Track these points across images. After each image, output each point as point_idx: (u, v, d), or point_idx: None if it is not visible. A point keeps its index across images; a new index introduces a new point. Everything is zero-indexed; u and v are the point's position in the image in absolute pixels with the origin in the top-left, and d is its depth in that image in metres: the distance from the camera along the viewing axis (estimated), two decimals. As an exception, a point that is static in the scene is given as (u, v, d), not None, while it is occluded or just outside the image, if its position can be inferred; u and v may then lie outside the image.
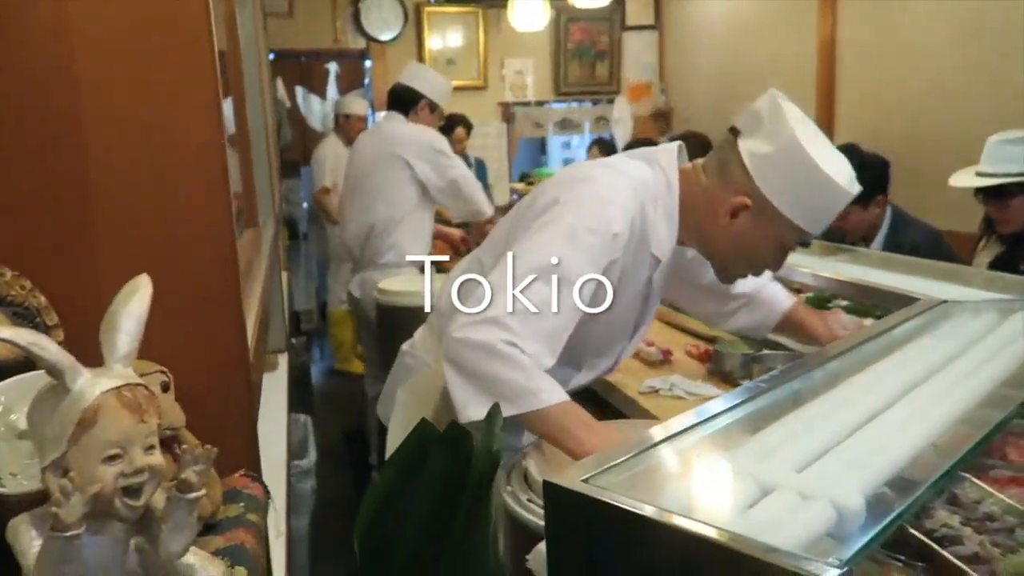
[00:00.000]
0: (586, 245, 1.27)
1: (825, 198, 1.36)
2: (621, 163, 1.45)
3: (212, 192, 0.87)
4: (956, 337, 1.32)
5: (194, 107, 0.85)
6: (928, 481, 0.83)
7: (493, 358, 1.17)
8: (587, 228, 1.28)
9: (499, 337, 1.18)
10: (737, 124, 1.39)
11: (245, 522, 0.81)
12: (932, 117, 3.35)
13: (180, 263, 0.86)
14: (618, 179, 1.37)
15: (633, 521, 0.75)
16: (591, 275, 1.26)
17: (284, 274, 4.32)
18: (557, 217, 1.31)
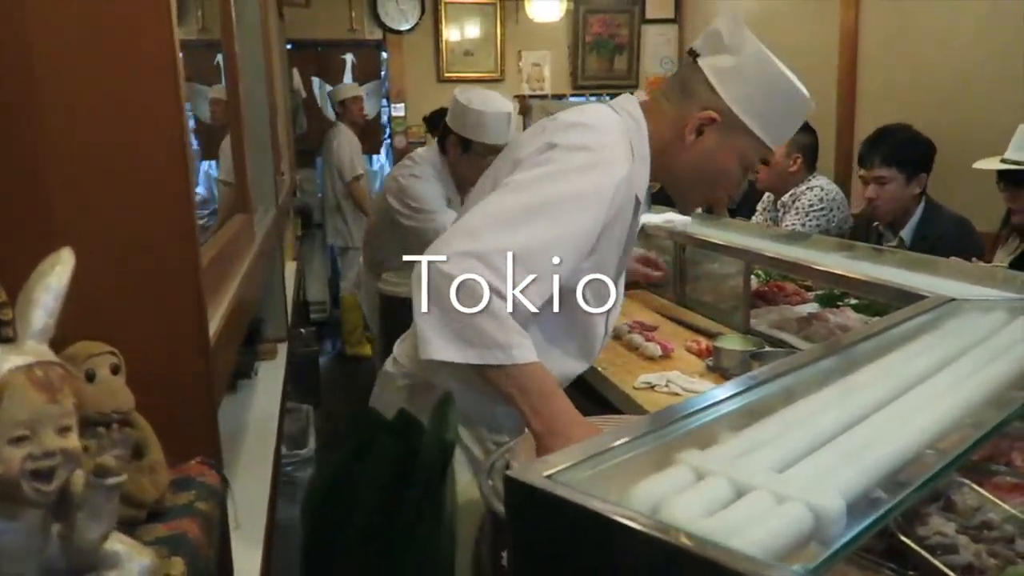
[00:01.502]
0: (590, 184, 1.24)
1: (789, 107, 1.39)
2: (602, 109, 1.40)
3: (169, 169, 0.83)
4: (961, 336, 1.26)
5: (151, 81, 0.82)
6: (913, 485, 0.78)
7: (472, 299, 1.08)
8: (590, 166, 1.25)
9: (484, 277, 1.08)
10: (695, 46, 1.40)
11: (193, 511, 0.78)
12: (954, 109, 3.25)
13: (134, 239, 0.83)
14: (609, 124, 1.35)
15: (593, 521, 0.71)
16: (592, 215, 1.23)
17: (292, 264, 4.32)
18: (556, 157, 1.25)
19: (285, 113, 4.78)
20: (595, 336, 1.46)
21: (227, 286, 1.23)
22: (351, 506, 0.68)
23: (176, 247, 0.85)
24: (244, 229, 1.62)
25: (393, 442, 0.67)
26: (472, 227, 1.16)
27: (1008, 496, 1.14)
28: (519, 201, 1.20)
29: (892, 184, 2.54)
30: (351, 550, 0.68)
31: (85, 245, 0.83)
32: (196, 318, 0.89)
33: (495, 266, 1.10)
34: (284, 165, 4.10)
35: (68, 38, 0.80)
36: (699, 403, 1.03)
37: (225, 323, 1.07)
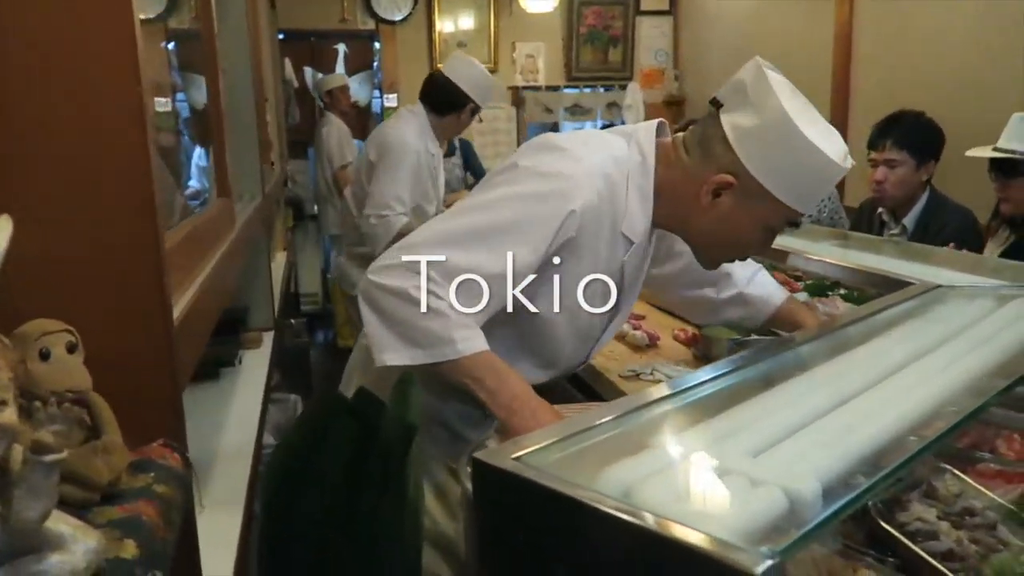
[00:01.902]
0: (533, 214, 1.18)
1: (816, 175, 1.23)
2: (595, 137, 1.35)
3: (127, 142, 0.81)
4: (945, 323, 1.25)
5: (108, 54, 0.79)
6: (887, 469, 0.76)
7: (407, 303, 1.10)
8: (538, 196, 1.19)
9: (414, 283, 1.10)
10: (719, 96, 1.28)
11: (150, 493, 0.76)
12: (949, 105, 3.23)
13: (90, 213, 0.80)
14: (586, 153, 1.26)
15: (562, 504, 0.69)
16: (531, 247, 1.17)
17: (282, 254, 4.29)
18: (512, 180, 1.23)
19: (276, 103, 4.74)
20: (557, 350, 1.37)
21: (199, 268, 1.21)
22: (309, 488, 0.65)
23: (134, 222, 0.83)
24: (222, 214, 1.59)
25: (353, 423, 0.65)
26: (413, 243, 1.17)
27: (992, 483, 1.12)
28: (462, 224, 1.19)
29: (902, 168, 2.51)
30: (310, 533, 0.66)
31: (39, 219, 0.81)
32: (158, 298, 0.86)
33: (429, 275, 1.11)
34: (274, 155, 4.07)
35: (24, 8, 0.77)
36: (677, 387, 1.01)
37: (194, 305, 1.04)
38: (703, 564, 0.57)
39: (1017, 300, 1.33)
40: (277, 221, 4.32)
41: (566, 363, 1.41)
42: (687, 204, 1.27)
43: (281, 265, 3.89)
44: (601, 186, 1.23)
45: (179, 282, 1.07)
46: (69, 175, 0.80)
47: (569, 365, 1.44)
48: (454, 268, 1.13)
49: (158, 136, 1.71)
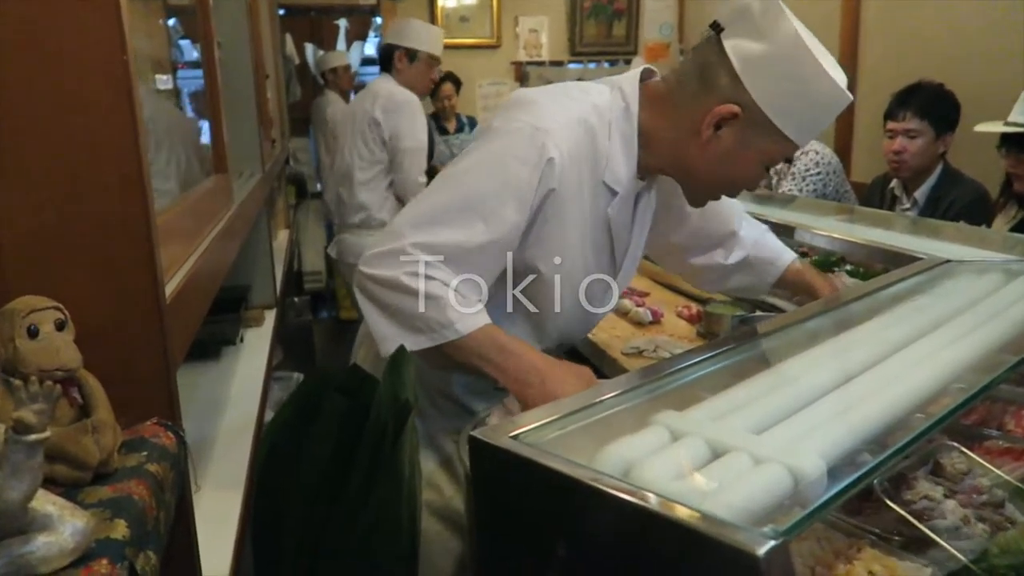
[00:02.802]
0: (512, 172, 1.15)
1: (823, 106, 1.18)
2: (574, 88, 1.29)
3: (113, 110, 0.79)
4: (954, 298, 1.22)
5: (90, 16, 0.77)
6: (891, 448, 0.74)
7: (400, 292, 1.10)
8: (514, 153, 1.16)
9: (404, 270, 1.10)
10: (720, 19, 1.18)
11: (142, 472, 0.75)
12: (958, 74, 3.17)
13: (76, 185, 0.78)
14: (562, 104, 1.23)
15: (558, 482, 0.67)
16: (515, 204, 1.15)
17: (284, 232, 4.27)
18: (487, 141, 1.20)
19: (277, 80, 4.69)
20: (558, 316, 1.33)
21: (194, 245, 1.19)
22: (301, 466, 0.64)
23: (124, 198, 0.81)
24: (219, 189, 1.57)
25: (344, 400, 0.63)
26: (398, 227, 1.15)
27: (999, 460, 1.11)
28: (444, 199, 1.17)
29: (921, 139, 2.47)
30: (300, 511, 0.64)
31: (26, 194, 0.79)
32: (149, 274, 0.84)
33: (419, 258, 1.11)
34: (275, 132, 4.04)
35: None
36: (679, 364, 0.99)
37: (188, 282, 1.02)
38: (704, 545, 0.56)
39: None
40: (279, 199, 4.30)
41: (568, 330, 1.38)
42: (682, 142, 1.22)
43: (283, 243, 3.87)
44: (579, 133, 1.20)
45: (174, 259, 1.05)
46: (55, 150, 0.78)
47: (571, 332, 1.41)
48: (443, 245, 1.11)
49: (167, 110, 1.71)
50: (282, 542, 0.67)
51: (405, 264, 1.10)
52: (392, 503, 0.68)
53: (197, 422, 1.71)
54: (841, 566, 0.89)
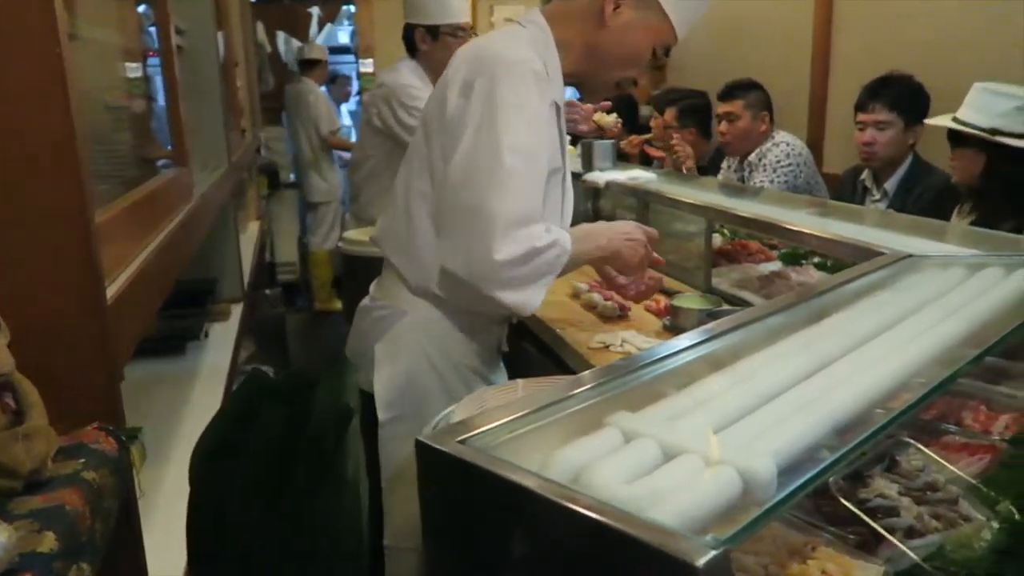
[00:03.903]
0: (534, 113, 1.34)
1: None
2: (505, 33, 1.48)
3: (48, 102, 0.76)
4: (915, 293, 1.22)
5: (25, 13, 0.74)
6: (843, 449, 0.73)
7: (537, 255, 1.32)
8: (519, 99, 1.33)
9: (532, 242, 1.31)
10: None
11: (77, 480, 0.72)
12: (930, 66, 3.18)
13: (10, 182, 0.76)
14: (512, 40, 1.42)
15: (501, 488, 0.66)
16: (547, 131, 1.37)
17: (256, 223, 4.21)
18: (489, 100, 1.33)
19: (248, 69, 4.62)
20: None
21: (146, 240, 1.16)
22: (238, 470, 0.62)
23: (59, 190, 0.78)
24: (176, 183, 1.54)
25: (281, 407, 0.62)
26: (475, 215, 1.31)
27: (956, 456, 1.11)
28: (490, 164, 1.31)
29: (891, 130, 2.50)
30: (238, 516, 0.63)
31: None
32: (88, 272, 0.82)
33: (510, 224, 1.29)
34: (246, 122, 3.97)
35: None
36: (638, 362, 0.98)
37: (136, 280, 1.00)
38: (644, 554, 0.55)
39: (987, 269, 1.31)
40: (250, 190, 4.24)
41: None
42: (591, 31, 1.44)
43: (254, 235, 3.82)
44: (535, 57, 1.38)
45: (121, 256, 1.02)
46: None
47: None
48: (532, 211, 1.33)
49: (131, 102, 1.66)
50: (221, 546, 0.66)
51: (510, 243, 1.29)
52: (336, 506, 0.67)
53: (157, 421, 1.68)
54: (795, 565, 0.89)
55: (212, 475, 0.64)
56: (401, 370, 1.47)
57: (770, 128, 3.13)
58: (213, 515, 0.64)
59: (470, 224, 1.31)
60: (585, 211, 2.98)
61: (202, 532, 0.66)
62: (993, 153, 2.02)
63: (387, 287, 1.55)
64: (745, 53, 4.82)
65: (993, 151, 2.02)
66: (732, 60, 4.86)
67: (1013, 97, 2.03)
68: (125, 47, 1.60)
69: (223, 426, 0.63)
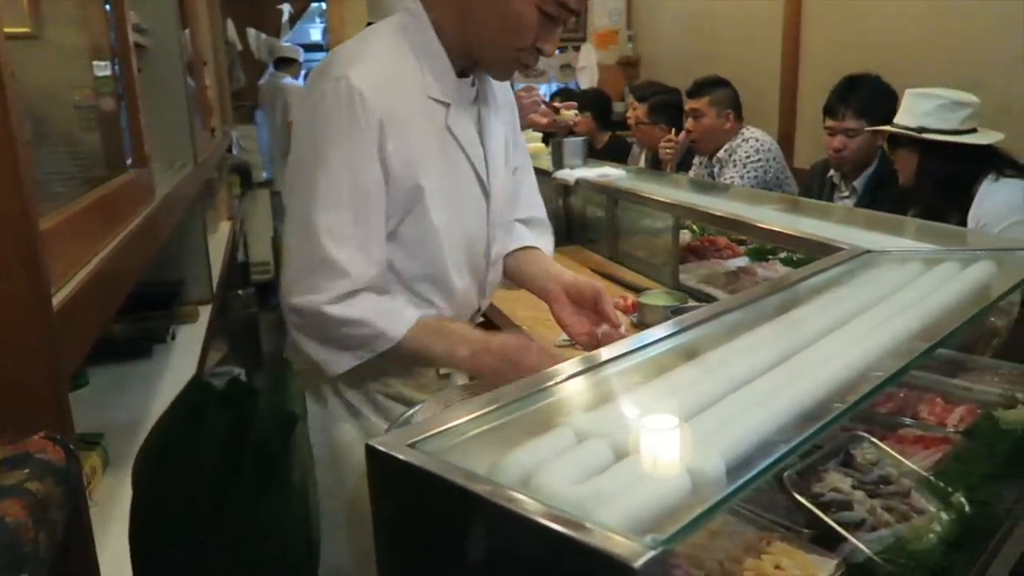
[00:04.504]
0: (349, 142, 1.19)
1: None
2: (363, 35, 1.34)
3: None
4: (872, 287, 1.24)
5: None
6: (786, 447, 0.74)
7: (328, 323, 1.19)
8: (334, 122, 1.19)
9: (322, 299, 1.18)
10: None
11: (20, 492, 0.71)
12: (898, 61, 3.23)
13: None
14: (352, 48, 1.27)
15: (448, 493, 0.66)
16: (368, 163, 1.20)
17: (227, 223, 4.17)
18: (310, 126, 1.22)
19: (218, 66, 4.57)
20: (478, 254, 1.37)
21: (99, 245, 1.14)
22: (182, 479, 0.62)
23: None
24: (135, 185, 1.52)
25: (226, 413, 0.61)
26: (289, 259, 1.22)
27: (912, 448, 1.13)
28: (302, 209, 1.20)
29: (861, 136, 2.53)
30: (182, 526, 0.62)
31: None
32: (33, 278, 0.80)
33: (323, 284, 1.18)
34: (215, 120, 3.93)
35: None
36: (595, 360, 0.98)
37: (87, 285, 0.98)
38: (584, 556, 0.55)
39: (942, 264, 1.32)
40: (221, 189, 4.19)
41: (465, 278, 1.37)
42: (461, 4, 1.26)
43: (225, 235, 3.78)
44: (381, 60, 1.24)
45: (72, 261, 1.01)
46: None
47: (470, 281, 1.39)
48: (336, 258, 1.18)
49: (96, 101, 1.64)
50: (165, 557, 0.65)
51: (318, 292, 1.18)
52: (282, 511, 0.66)
53: (120, 427, 1.65)
54: (750, 560, 0.89)
55: (155, 479, 0.63)
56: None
57: (736, 125, 3.15)
58: (156, 520, 0.63)
59: (284, 261, 1.25)
60: (556, 209, 2.98)
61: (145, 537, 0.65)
62: (923, 151, 2.09)
63: None
64: (716, 49, 4.85)
65: (923, 149, 2.09)
66: (704, 56, 4.90)
67: (938, 97, 2.13)
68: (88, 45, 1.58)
69: (166, 430, 0.63)
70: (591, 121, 4.36)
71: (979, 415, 1.22)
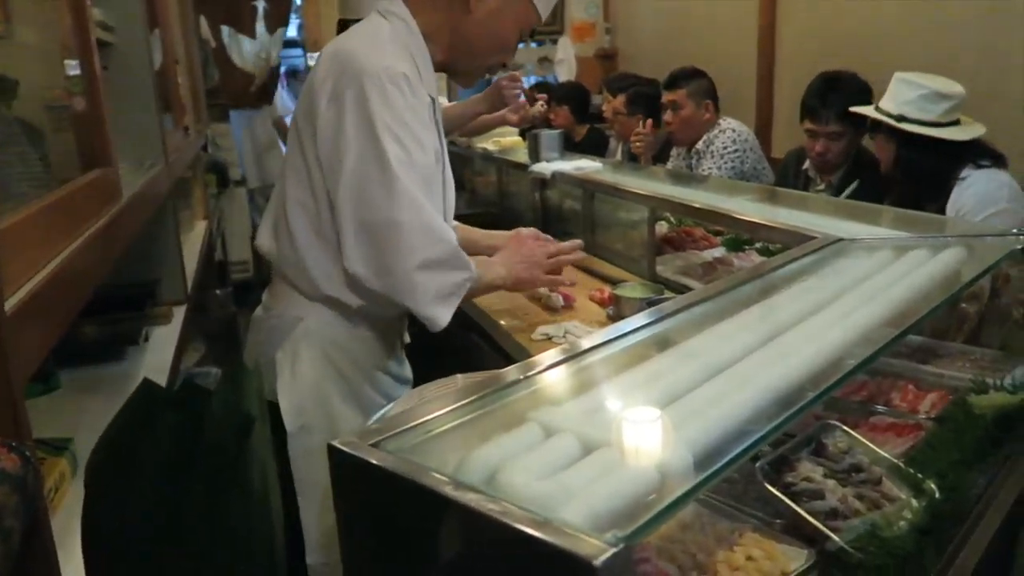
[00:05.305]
0: (410, 119, 1.31)
1: None
2: (364, 30, 1.42)
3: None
4: (844, 276, 1.24)
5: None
6: (747, 443, 0.74)
7: (458, 265, 1.34)
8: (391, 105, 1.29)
9: (451, 246, 1.32)
10: None
11: (-29, 500, 0.69)
12: (873, 58, 3.25)
13: None
14: (375, 41, 1.36)
15: (413, 492, 0.65)
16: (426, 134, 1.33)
17: (203, 223, 4.13)
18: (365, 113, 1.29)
19: (191, 64, 4.51)
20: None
21: (58, 247, 1.12)
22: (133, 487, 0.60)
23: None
24: (98, 186, 1.49)
25: (176, 415, 0.60)
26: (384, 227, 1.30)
27: (884, 436, 1.13)
28: (382, 178, 1.28)
29: (844, 139, 2.50)
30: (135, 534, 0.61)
31: None
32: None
33: (440, 233, 1.31)
34: (189, 119, 3.88)
35: None
36: (566, 354, 0.98)
37: (42, 289, 0.96)
38: (547, 554, 0.54)
39: (913, 251, 1.33)
40: (196, 189, 4.15)
41: None
42: (457, 20, 1.42)
43: (200, 235, 3.74)
44: (401, 54, 1.35)
45: (26, 265, 0.98)
46: None
47: None
48: (435, 218, 1.31)
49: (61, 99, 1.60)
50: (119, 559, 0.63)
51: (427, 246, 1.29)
52: (242, 515, 0.65)
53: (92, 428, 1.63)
54: (722, 552, 0.89)
55: (105, 485, 0.61)
56: (304, 377, 1.43)
57: (714, 116, 3.14)
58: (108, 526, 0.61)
59: (382, 234, 1.29)
60: (532, 202, 2.97)
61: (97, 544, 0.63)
62: (900, 141, 2.08)
63: (279, 295, 1.51)
64: (694, 41, 4.86)
65: (900, 139, 2.08)
66: (680, 48, 4.90)
67: (921, 86, 2.09)
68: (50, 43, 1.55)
69: (115, 435, 0.61)
70: (569, 114, 4.35)
71: (951, 401, 1.23)
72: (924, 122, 2.05)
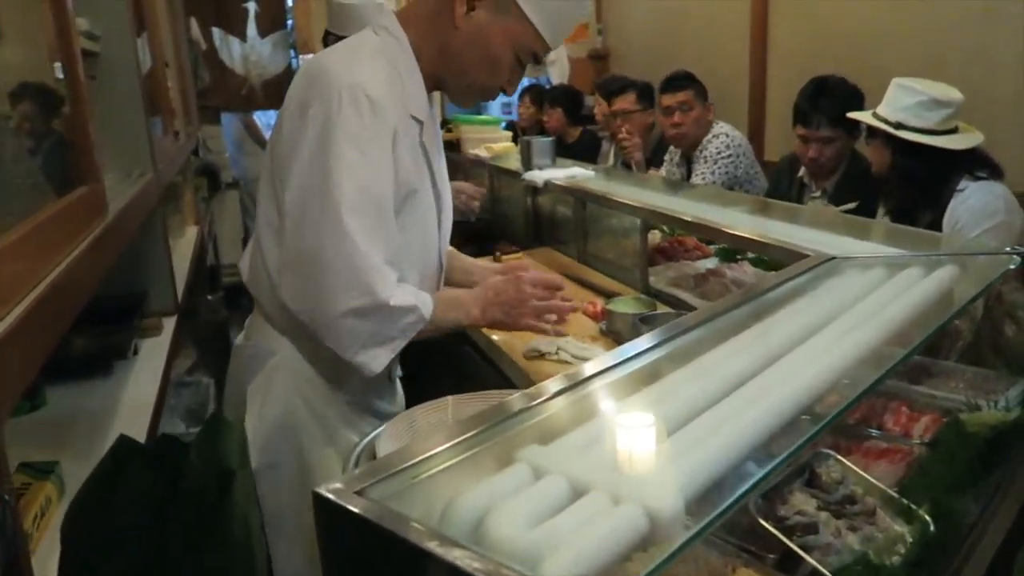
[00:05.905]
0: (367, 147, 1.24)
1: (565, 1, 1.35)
2: (349, 44, 1.37)
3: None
4: (838, 296, 1.22)
5: None
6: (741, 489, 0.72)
7: (392, 315, 1.25)
8: (350, 131, 1.22)
9: (383, 295, 1.23)
10: None
11: (-56, 549, 0.68)
12: (865, 60, 3.24)
13: None
14: (354, 56, 1.31)
15: (394, 543, 0.63)
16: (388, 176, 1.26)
17: (194, 228, 4.10)
18: (323, 131, 1.23)
19: (181, 67, 4.47)
20: (432, 260, 1.46)
21: (42, 270, 1.10)
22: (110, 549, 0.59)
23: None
24: (85, 202, 1.46)
25: (152, 471, 0.58)
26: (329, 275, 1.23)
27: (877, 462, 1.12)
28: (329, 213, 1.22)
29: (837, 143, 2.50)
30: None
31: None
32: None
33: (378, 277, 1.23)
34: (179, 123, 3.85)
35: None
36: (551, 389, 0.96)
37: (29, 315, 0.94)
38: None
39: (907, 270, 1.32)
40: (186, 194, 4.12)
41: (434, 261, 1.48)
42: (444, 35, 1.34)
43: (191, 241, 3.71)
44: (381, 72, 1.29)
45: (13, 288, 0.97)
46: None
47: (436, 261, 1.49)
48: (378, 259, 1.23)
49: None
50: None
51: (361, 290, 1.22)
52: (224, 567, 0.63)
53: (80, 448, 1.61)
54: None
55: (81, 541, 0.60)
56: (272, 412, 1.38)
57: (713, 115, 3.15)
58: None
59: (309, 269, 1.23)
60: (525, 210, 2.96)
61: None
62: (896, 148, 2.06)
63: (257, 325, 1.47)
64: (686, 42, 4.85)
65: (896, 146, 2.06)
66: (673, 48, 4.89)
67: (919, 93, 2.06)
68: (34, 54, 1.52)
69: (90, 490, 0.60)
70: (562, 117, 4.34)
71: (944, 423, 1.22)
72: (921, 130, 2.03)
